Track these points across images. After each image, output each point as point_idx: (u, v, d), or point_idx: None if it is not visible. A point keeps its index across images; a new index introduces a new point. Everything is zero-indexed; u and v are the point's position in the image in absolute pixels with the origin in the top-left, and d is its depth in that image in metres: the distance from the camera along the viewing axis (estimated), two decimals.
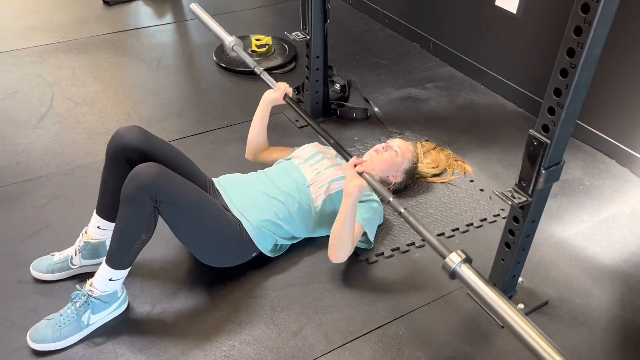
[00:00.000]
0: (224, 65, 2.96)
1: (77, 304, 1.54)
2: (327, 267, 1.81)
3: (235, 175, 1.86)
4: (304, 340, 1.59)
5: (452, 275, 1.36)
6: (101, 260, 1.56)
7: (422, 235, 1.45)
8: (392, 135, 2.45)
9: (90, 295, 1.54)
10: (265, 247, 1.75)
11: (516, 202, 1.42)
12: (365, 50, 3.20)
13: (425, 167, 2.18)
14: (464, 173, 2.22)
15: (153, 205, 1.47)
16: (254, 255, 1.75)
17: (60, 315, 1.54)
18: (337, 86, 2.75)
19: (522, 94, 2.65)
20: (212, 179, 1.82)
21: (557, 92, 1.28)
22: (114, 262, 1.51)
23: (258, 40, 3.04)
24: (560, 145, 1.36)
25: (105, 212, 1.67)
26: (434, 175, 2.19)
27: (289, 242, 1.82)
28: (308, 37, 2.30)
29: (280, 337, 1.59)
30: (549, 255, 1.88)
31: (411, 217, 1.49)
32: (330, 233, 1.73)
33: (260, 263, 1.79)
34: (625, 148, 2.27)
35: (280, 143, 2.36)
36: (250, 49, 3.06)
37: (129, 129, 1.63)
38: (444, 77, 2.94)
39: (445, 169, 2.23)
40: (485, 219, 2.02)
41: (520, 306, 1.67)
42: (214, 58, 3.03)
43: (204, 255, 1.68)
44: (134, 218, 1.48)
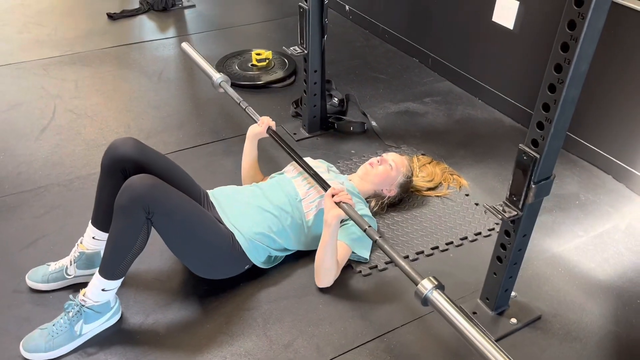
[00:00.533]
0: None
1: (70, 313, 1.55)
2: None
3: (230, 188, 1.88)
4: (295, 352, 1.59)
5: (424, 302, 1.38)
6: (96, 270, 1.56)
7: (395, 262, 1.50)
8: (389, 149, 2.47)
9: (83, 305, 1.55)
10: (258, 259, 1.76)
11: (507, 216, 1.43)
12: (365, 64, 3.23)
13: (420, 180, 2.19)
14: (460, 187, 2.23)
15: (146, 216, 1.48)
16: (246, 267, 1.76)
17: (54, 325, 1.55)
18: (336, 100, 2.77)
19: (519, 109, 2.67)
20: (207, 191, 1.83)
21: (546, 107, 1.29)
22: (107, 273, 1.52)
23: (258, 54, 3.08)
24: (549, 159, 1.37)
25: (100, 222, 1.69)
26: (429, 189, 2.19)
27: (282, 254, 1.83)
28: (306, 51, 2.33)
29: (271, 349, 1.59)
30: (543, 269, 1.88)
31: (386, 245, 1.53)
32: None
33: (253, 275, 1.80)
34: (621, 164, 2.28)
35: (278, 156, 2.39)
36: (251, 63, 3.10)
37: (125, 141, 1.65)
38: (442, 91, 2.96)
39: (440, 182, 2.24)
40: (480, 232, 2.02)
41: (513, 321, 1.67)
42: None
43: (196, 267, 1.69)
44: (127, 229, 1.49)
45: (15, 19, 3.73)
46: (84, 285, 1.61)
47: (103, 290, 1.54)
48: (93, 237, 1.71)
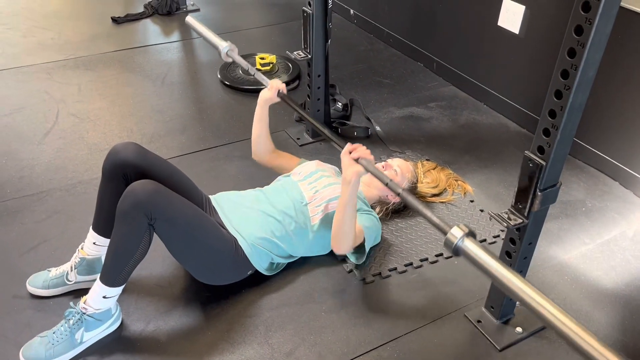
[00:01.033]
0: (227, 83, 2.98)
1: (71, 321, 1.53)
2: (323, 287, 1.79)
3: (232, 193, 1.86)
4: None
5: (456, 252, 1.24)
6: (97, 276, 1.55)
7: (421, 213, 1.36)
8: (393, 154, 2.45)
9: (84, 313, 1.53)
10: (261, 265, 1.74)
11: (512, 223, 1.41)
12: (369, 69, 3.22)
13: (425, 186, 2.17)
14: (464, 193, 2.21)
15: (148, 222, 1.47)
16: (249, 273, 1.74)
17: (54, 332, 1.53)
18: (339, 105, 2.76)
19: (525, 114, 2.65)
20: (209, 196, 1.82)
21: (552, 113, 1.27)
22: (108, 279, 1.51)
23: (262, 58, 3.07)
24: (556, 167, 1.35)
25: (101, 228, 1.67)
26: (434, 195, 2.17)
27: (285, 261, 1.81)
28: (309, 56, 2.32)
29: (273, 357, 1.57)
30: (549, 277, 1.86)
31: (409, 197, 1.42)
32: (326, 253, 1.75)
33: (255, 281, 1.78)
34: (628, 170, 2.25)
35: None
36: (255, 67, 3.08)
37: (126, 145, 1.64)
38: (447, 96, 2.95)
39: (445, 188, 2.22)
40: (484, 240, 2.00)
41: (518, 330, 1.64)
42: (218, 76, 3.05)
43: (199, 273, 1.67)
44: (129, 235, 1.48)
45: (20, 22, 3.74)
46: (85, 291, 1.59)
47: (104, 297, 1.53)
48: (94, 243, 1.70)
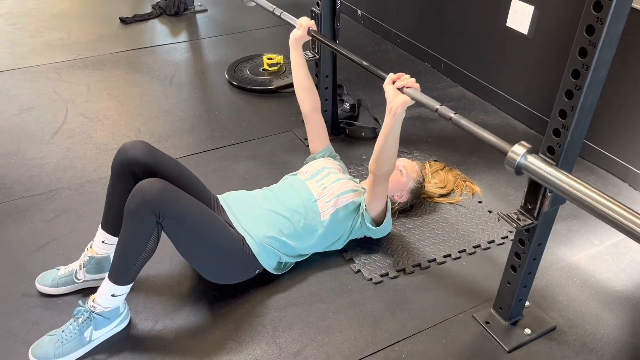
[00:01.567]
0: (235, 83, 2.99)
1: (80, 320, 1.54)
2: (330, 287, 1.79)
3: (240, 192, 1.87)
4: None
5: (518, 171, 1.18)
6: (105, 274, 1.55)
7: (477, 135, 1.36)
8: (401, 154, 2.44)
9: (92, 311, 1.54)
10: (269, 264, 1.74)
11: (521, 224, 1.40)
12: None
13: (432, 187, 2.17)
14: (472, 194, 2.20)
15: (156, 220, 1.47)
16: (257, 272, 1.74)
17: (63, 331, 1.54)
18: (347, 105, 2.76)
19: (533, 115, 2.63)
20: (217, 195, 1.82)
21: (563, 113, 1.27)
22: (117, 278, 1.52)
23: (270, 59, 3.07)
24: (566, 167, 1.34)
25: (110, 226, 1.68)
26: (442, 196, 2.17)
27: (293, 260, 1.81)
28: (317, 56, 2.31)
29: (280, 357, 1.57)
30: (557, 279, 1.84)
31: (462, 120, 1.43)
32: (334, 248, 1.84)
33: (264, 281, 1.78)
34: (637, 172, 2.23)
35: (289, 162, 2.38)
36: (262, 68, 3.09)
37: (135, 144, 1.64)
38: (455, 97, 2.94)
39: (453, 189, 2.21)
40: (493, 240, 1.99)
41: (527, 331, 1.64)
42: (226, 76, 3.06)
43: (207, 272, 1.67)
44: (137, 233, 1.48)
45: (29, 23, 3.76)
46: (94, 289, 1.60)
47: (113, 295, 1.53)
48: (103, 241, 1.70)
